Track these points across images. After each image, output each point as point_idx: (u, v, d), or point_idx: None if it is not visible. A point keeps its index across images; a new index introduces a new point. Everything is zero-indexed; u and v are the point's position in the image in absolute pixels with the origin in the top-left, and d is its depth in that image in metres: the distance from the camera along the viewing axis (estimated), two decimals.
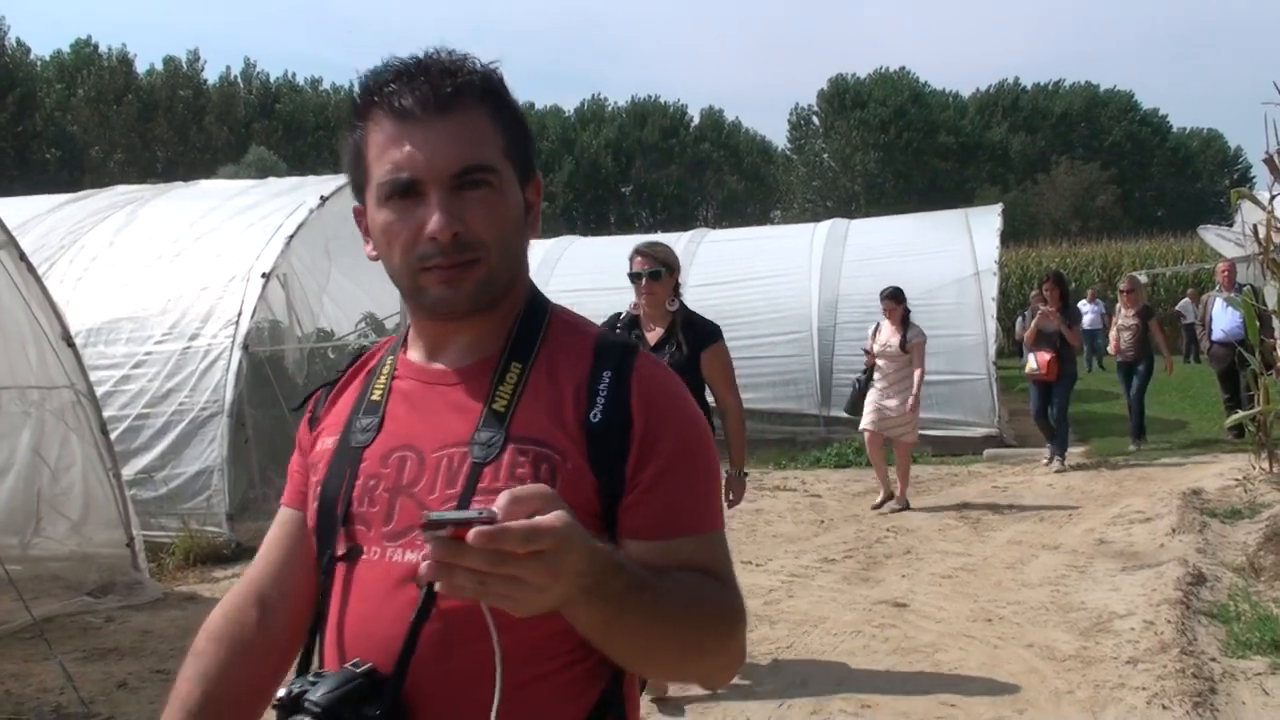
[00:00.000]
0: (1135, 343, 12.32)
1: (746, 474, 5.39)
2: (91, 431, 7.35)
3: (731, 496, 5.20)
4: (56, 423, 7.31)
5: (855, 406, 9.88)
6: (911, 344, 9.38)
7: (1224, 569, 6.95)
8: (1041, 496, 9.96)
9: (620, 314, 5.28)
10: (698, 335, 5.08)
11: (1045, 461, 11.44)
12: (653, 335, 5.08)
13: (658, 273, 5.06)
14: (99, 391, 7.84)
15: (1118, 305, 13.13)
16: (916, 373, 9.39)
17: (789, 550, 8.14)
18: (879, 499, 9.65)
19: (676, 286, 5.18)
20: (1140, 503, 9.33)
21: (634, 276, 5.15)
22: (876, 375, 9.61)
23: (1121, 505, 9.35)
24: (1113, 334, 12.83)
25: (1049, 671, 5.26)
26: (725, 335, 5.22)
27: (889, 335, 9.50)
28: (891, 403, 9.46)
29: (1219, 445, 12.15)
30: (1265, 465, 9.70)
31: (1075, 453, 11.97)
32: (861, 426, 9.72)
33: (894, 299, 9.50)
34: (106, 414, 7.82)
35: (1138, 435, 12.45)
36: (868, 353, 9.72)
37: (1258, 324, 9.71)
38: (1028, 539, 8.26)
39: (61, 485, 7.41)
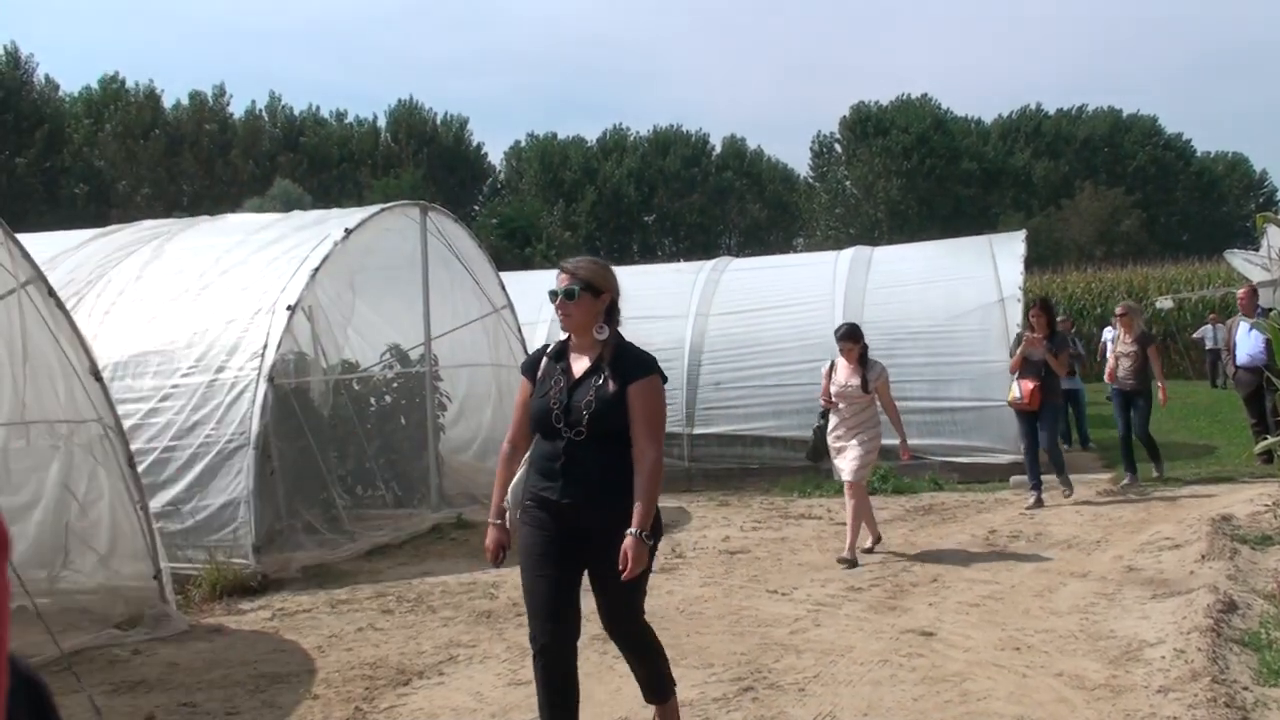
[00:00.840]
0: (1134, 371, 11.64)
1: (651, 541, 4.14)
2: (119, 464, 7.40)
3: (625, 568, 4.04)
4: (85, 456, 7.36)
5: (816, 453, 9.40)
6: (876, 384, 8.75)
7: (1255, 596, 6.86)
8: (1069, 524, 9.87)
9: (547, 345, 4.60)
10: (628, 368, 4.30)
11: (1027, 506, 10.61)
12: (579, 366, 4.37)
13: (571, 292, 4.32)
14: (126, 424, 7.89)
15: (1116, 331, 12.53)
16: (893, 414, 8.88)
17: (815, 579, 8.10)
18: (869, 543, 9.00)
19: (612, 311, 4.43)
20: (1169, 529, 9.25)
21: (550, 295, 4.46)
22: (834, 419, 8.93)
23: (1150, 532, 9.27)
24: (1109, 361, 12.16)
25: (1079, 701, 5.20)
26: (750, 362, 4.85)
27: (847, 376, 8.81)
28: (854, 446, 8.77)
29: (1248, 470, 12.04)
30: None
31: (1101, 479, 11.85)
32: (841, 478, 9.03)
33: (850, 338, 8.84)
34: (134, 447, 7.87)
35: (1157, 463, 12.05)
36: (824, 399, 8.98)
37: None
38: (1055, 566, 8.20)
39: (89, 518, 7.46)
